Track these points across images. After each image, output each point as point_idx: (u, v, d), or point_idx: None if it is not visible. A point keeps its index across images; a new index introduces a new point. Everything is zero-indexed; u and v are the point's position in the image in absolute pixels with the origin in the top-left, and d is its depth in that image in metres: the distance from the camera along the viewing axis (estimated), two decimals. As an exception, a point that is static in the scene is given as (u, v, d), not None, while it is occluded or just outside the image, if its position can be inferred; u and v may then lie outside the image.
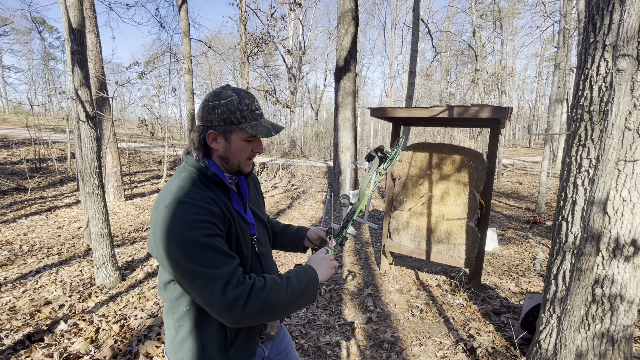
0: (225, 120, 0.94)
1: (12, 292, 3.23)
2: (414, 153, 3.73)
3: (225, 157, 0.98)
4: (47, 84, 29.11)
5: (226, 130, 0.96)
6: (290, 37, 23.14)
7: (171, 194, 0.87)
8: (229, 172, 1.02)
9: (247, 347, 1.00)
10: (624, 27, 1.11)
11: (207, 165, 0.96)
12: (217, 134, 0.96)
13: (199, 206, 0.85)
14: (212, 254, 0.82)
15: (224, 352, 0.95)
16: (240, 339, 0.98)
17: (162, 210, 0.85)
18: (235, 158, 0.99)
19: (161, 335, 2.60)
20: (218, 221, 0.88)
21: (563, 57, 8.10)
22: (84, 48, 3.19)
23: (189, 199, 0.86)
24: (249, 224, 1.05)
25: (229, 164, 1.00)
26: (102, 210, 3.40)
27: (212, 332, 0.94)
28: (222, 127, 0.95)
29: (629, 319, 1.79)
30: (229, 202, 0.99)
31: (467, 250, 3.43)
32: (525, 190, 10.96)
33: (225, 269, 0.82)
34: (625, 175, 1.69)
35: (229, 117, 0.94)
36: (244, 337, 0.99)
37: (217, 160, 1.00)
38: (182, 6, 7.07)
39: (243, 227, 1.01)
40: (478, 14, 19.00)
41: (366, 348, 2.57)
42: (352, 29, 7.36)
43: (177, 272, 0.83)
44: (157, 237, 0.84)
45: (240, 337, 0.98)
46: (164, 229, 0.82)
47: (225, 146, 0.97)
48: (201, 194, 0.89)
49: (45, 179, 8.63)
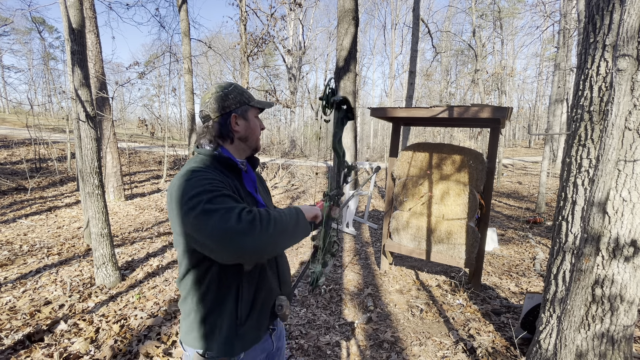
0: (240, 101, 1.07)
1: (12, 292, 3.23)
2: (414, 153, 3.73)
3: (245, 136, 1.10)
4: (47, 84, 29.10)
5: (243, 110, 1.08)
6: (290, 37, 23.13)
7: (185, 170, 0.95)
8: (242, 157, 1.13)
9: (256, 329, 1.04)
10: (624, 27, 1.11)
11: (220, 152, 1.06)
12: (237, 116, 1.07)
13: (211, 174, 0.94)
14: (225, 198, 0.87)
15: (234, 331, 1.00)
16: (250, 321, 1.02)
17: (177, 181, 0.92)
18: (253, 135, 1.12)
19: (161, 335, 2.60)
20: (229, 187, 0.95)
21: (563, 57, 8.10)
22: (84, 48, 3.19)
23: (202, 170, 0.94)
24: (260, 204, 1.11)
25: (249, 142, 1.12)
26: (102, 210, 3.40)
27: (226, 312, 0.99)
28: (239, 108, 1.07)
29: (629, 319, 1.79)
30: (240, 185, 1.06)
31: (467, 250, 3.43)
32: (525, 190, 10.96)
33: (237, 205, 0.87)
34: (625, 175, 1.69)
35: (241, 98, 1.08)
36: (255, 319, 1.03)
37: (233, 147, 1.10)
38: (182, 6, 7.07)
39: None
40: (478, 14, 18.99)
41: (366, 348, 2.57)
42: (352, 29, 7.36)
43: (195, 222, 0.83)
44: (173, 200, 0.89)
45: (250, 319, 1.02)
46: (180, 192, 0.88)
47: (246, 125, 1.09)
48: (213, 172, 0.96)
49: (45, 179, 8.63)
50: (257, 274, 1.04)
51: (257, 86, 20.48)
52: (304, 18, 24.01)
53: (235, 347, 1.00)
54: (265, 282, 1.06)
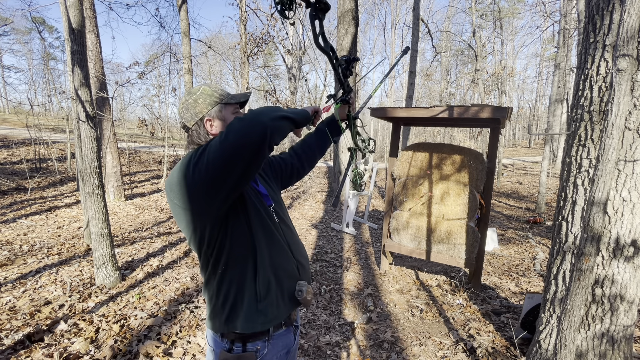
0: (211, 103, 1.04)
1: (12, 292, 3.23)
2: (414, 153, 3.73)
3: None
4: (47, 84, 29.10)
5: (216, 111, 1.05)
6: (290, 37, 23.12)
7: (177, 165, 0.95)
8: None
9: (275, 307, 1.05)
10: (624, 27, 1.11)
11: None
12: (212, 119, 1.05)
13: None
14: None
15: (255, 307, 1.01)
16: (269, 297, 1.03)
17: (172, 174, 0.93)
18: None
19: (161, 335, 2.60)
20: None
21: (563, 57, 8.10)
22: (84, 48, 3.19)
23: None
24: (263, 194, 1.12)
25: None
26: (102, 210, 3.40)
27: (245, 290, 1.01)
28: (212, 110, 1.04)
29: (629, 319, 1.79)
30: None
31: (467, 250, 3.43)
32: (525, 190, 10.96)
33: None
34: (625, 175, 1.69)
35: (211, 99, 1.04)
36: (274, 296, 1.04)
37: None
38: (182, 6, 7.07)
39: (257, 196, 1.09)
40: (478, 14, 18.99)
41: (366, 348, 2.57)
42: (352, 29, 7.36)
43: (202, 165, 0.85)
44: (175, 183, 0.90)
45: (269, 295, 1.03)
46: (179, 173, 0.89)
47: (222, 125, 1.06)
48: None
49: (45, 179, 8.63)
50: (269, 254, 1.05)
51: (257, 86, 20.47)
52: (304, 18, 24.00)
53: (256, 323, 1.01)
54: (281, 263, 1.08)
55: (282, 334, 1.09)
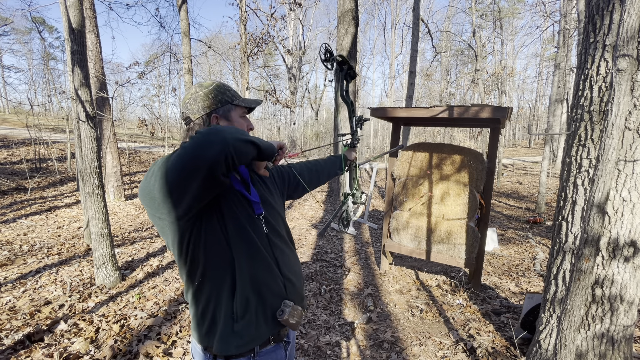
0: (222, 101, 1.02)
1: (12, 292, 3.23)
2: (414, 153, 3.73)
3: None
4: (47, 84, 29.11)
5: (225, 110, 1.02)
6: (290, 37, 23.12)
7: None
8: None
9: (255, 328, 0.98)
10: (624, 27, 1.11)
11: None
12: (219, 117, 1.02)
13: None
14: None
15: (230, 328, 0.96)
16: (248, 317, 0.97)
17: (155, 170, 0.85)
18: None
19: (161, 335, 2.60)
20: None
21: (563, 57, 8.10)
22: (84, 48, 3.19)
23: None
24: (253, 202, 1.04)
25: None
26: (102, 210, 3.40)
27: (222, 306, 0.96)
28: (221, 108, 1.02)
29: (629, 319, 1.79)
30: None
31: (467, 250, 3.43)
32: (525, 190, 10.96)
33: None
34: (625, 175, 1.69)
35: (223, 97, 1.02)
36: (253, 316, 0.98)
37: None
38: (182, 6, 7.07)
39: (243, 204, 1.01)
40: (478, 14, 18.99)
41: (366, 348, 2.57)
42: (352, 29, 7.36)
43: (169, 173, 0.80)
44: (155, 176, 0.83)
45: (247, 315, 0.97)
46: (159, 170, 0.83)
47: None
48: None
49: (45, 179, 8.63)
50: (250, 268, 0.98)
51: (257, 86, 20.47)
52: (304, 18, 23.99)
53: (230, 345, 0.95)
54: (265, 279, 1.00)
55: (271, 350, 1.03)
